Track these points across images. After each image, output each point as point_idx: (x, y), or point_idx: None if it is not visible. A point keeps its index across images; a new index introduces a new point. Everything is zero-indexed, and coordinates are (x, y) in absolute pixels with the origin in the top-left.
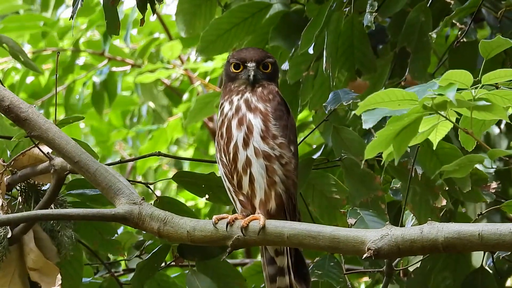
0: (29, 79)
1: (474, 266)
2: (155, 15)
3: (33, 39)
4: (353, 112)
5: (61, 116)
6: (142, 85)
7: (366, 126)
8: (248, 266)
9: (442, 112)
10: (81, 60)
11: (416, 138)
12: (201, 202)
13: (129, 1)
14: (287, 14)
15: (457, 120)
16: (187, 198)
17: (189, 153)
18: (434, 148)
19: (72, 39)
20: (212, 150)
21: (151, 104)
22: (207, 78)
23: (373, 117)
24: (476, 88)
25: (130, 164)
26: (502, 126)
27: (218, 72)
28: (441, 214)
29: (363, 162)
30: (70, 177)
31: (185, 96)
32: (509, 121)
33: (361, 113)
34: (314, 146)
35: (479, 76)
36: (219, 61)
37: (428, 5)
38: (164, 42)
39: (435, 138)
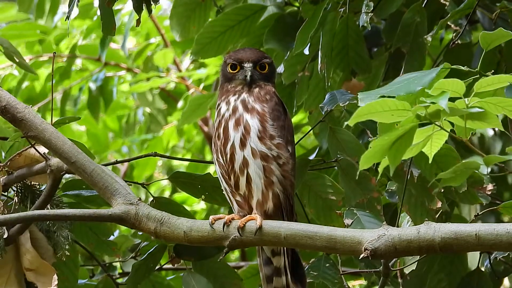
0: (25, 84)
1: (470, 268)
2: (151, 19)
3: (29, 45)
4: (346, 123)
5: None
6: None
7: (361, 104)
8: (243, 269)
9: (436, 122)
10: (77, 63)
11: (411, 150)
12: (198, 208)
13: (127, 6)
14: (282, 16)
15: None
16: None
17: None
18: (430, 161)
19: (68, 44)
20: (208, 156)
21: (147, 109)
22: (201, 85)
23: (369, 96)
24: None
25: (122, 171)
26: (497, 128)
27: (212, 78)
28: (437, 216)
29: (359, 168)
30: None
31: (180, 104)
32: (502, 129)
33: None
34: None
35: (478, 67)
36: (212, 68)
37: (423, 5)
38: (160, 44)
39: (431, 151)
